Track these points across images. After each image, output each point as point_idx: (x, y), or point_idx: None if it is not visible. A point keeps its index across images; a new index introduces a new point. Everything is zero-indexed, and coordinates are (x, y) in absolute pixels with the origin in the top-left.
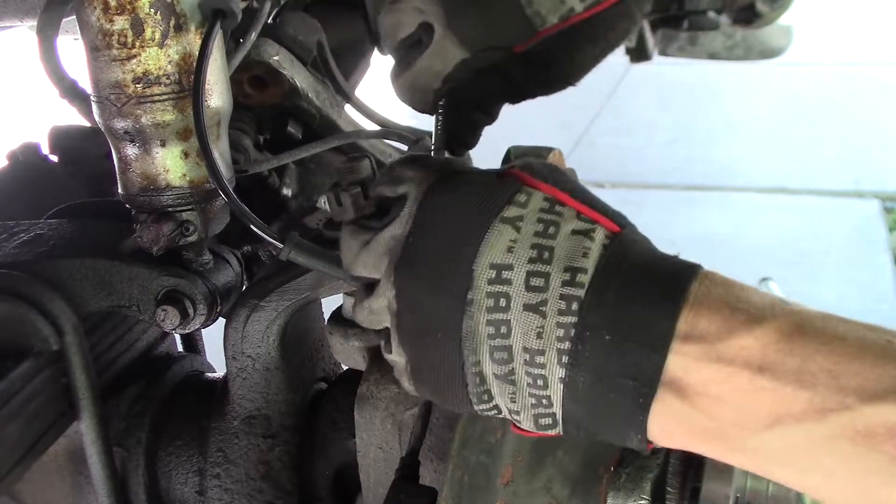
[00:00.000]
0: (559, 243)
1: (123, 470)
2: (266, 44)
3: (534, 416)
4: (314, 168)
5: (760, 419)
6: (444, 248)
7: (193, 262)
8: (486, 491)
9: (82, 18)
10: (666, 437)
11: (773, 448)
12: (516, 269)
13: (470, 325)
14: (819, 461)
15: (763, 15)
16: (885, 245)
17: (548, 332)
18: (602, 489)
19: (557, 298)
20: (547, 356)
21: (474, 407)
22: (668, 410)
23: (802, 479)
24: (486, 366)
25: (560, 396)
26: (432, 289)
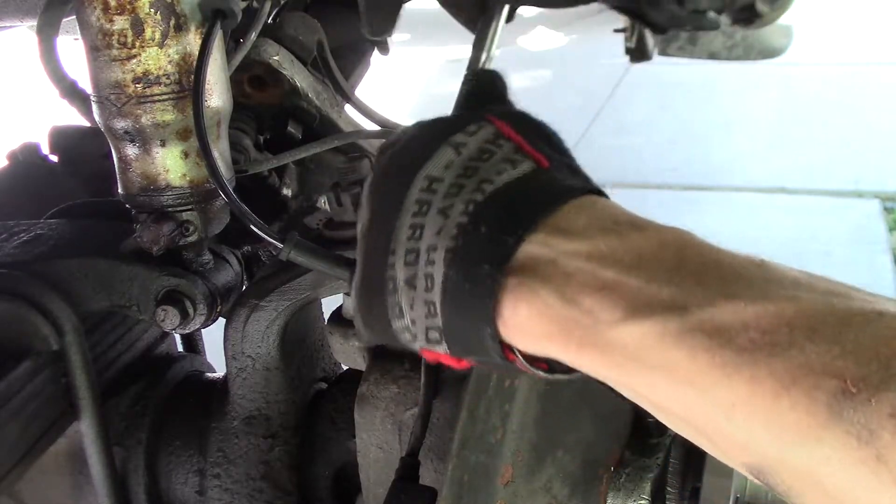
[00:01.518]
0: (486, 165)
1: (123, 470)
2: (266, 44)
3: (425, 328)
4: (314, 168)
5: (615, 314)
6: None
7: (193, 262)
8: (486, 491)
9: (82, 18)
10: (517, 329)
11: (624, 343)
12: (445, 180)
13: (396, 226)
14: (668, 357)
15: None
16: (885, 245)
17: (445, 231)
18: (602, 489)
19: (462, 202)
20: (438, 253)
21: (392, 325)
22: (521, 302)
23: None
24: (399, 269)
25: (439, 297)
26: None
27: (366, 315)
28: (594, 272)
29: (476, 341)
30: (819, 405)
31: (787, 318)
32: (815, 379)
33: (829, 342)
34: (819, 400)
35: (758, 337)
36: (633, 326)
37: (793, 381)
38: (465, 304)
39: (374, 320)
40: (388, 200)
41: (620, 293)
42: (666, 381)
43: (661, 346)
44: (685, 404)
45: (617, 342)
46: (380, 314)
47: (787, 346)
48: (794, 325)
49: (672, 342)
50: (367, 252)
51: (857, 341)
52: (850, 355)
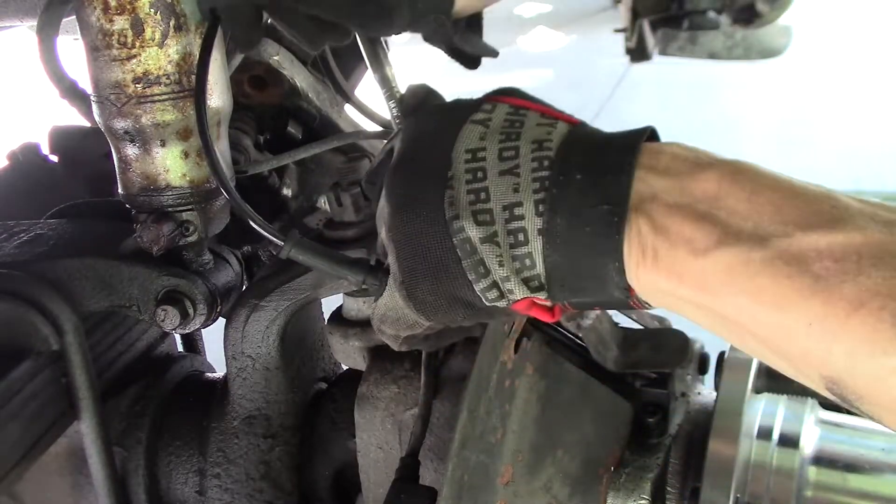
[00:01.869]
0: (525, 130)
1: (123, 470)
2: (266, 44)
3: (523, 279)
4: (314, 168)
5: (708, 243)
6: (423, 149)
7: (193, 262)
8: (486, 491)
9: (82, 18)
10: (636, 269)
11: (713, 271)
12: (489, 149)
13: (451, 195)
14: (752, 282)
15: (763, 15)
16: None
17: (524, 186)
18: (602, 489)
19: (530, 160)
20: (525, 208)
21: (475, 287)
22: (638, 238)
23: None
24: (470, 230)
25: (541, 250)
26: (416, 181)
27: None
28: (690, 205)
29: (596, 280)
30: (884, 323)
31: (855, 248)
32: (882, 300)
33: (892, 269)
34: (884, 318)
35: (831, 265)
36: (725, 253)
37: (861, 303)
38: (584, 245)
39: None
40: (425, 179)
41: (713, 223)
42: (752, 302)
43: (749, 272)
44: (769, 324)
45: (709, 269)
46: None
47: (856, 273)
48: (861, 254)
49: (757, 268)
50: (411, 233)
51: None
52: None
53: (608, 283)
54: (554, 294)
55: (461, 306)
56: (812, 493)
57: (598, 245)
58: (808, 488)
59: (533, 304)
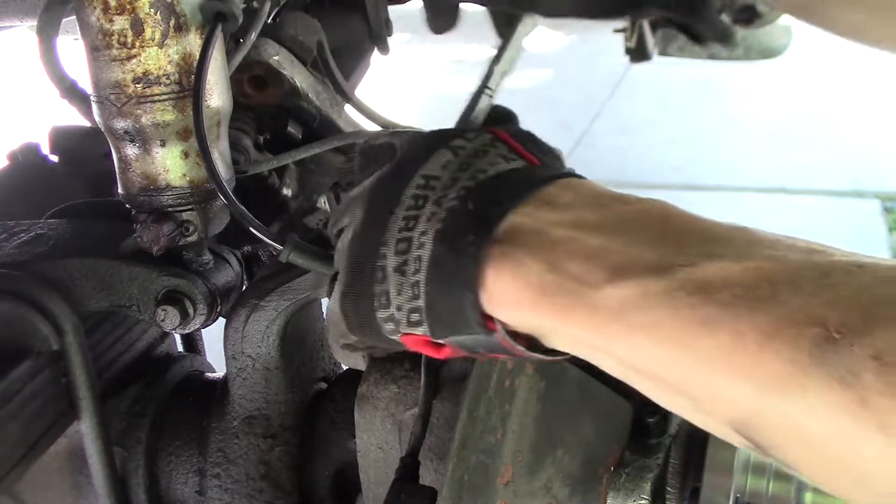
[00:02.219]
0: (481, 161)
1: (123, 470)
2: (266, 44)
3: (408, 311)
4: (314, 168)
5: (600, 276)
6: (400, 171)
7: (193, 262)
8: (486, 491)
9: (82, 18)
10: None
11: (608, 304)
12: (442, 178)
13: (391, 220)
14: (649, 314)
15: (763, 15)
16: (885, 245)
17: (437, 215)
18: (602, 489)
19: (455, 190)
20: (427, 235)
21: (377, 315)
22: (504, 269)
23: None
24: (389, 259)
25: (425, 276)
26: (380, 196)
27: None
28: (579, 239)
29: (457, 314)
30: (801, 353)
31: (768, 274)
32: (798, 328)
33: (810, 294)
34: (801, 348)
35: (741, 292)
36: (618, 287)
37: (775, 332)
38: (448, 276)
39: (358, 315)
40: (383, 199)
41: (605, 257)
42: (650, 339)
43: (645, 305)
44: (668, 362)
45: (601, 304)
46: (365, 308)
47: (770, 300)
48: (776, 280)
49: (655, 301)
50: (356, 248)
51: (838, 291)
52: (832, 304)
53: (468, 317)
54: (433, 330)
55: (371, 331)
56: (812, 493)
57: (459, 276)
58: (808, 489)
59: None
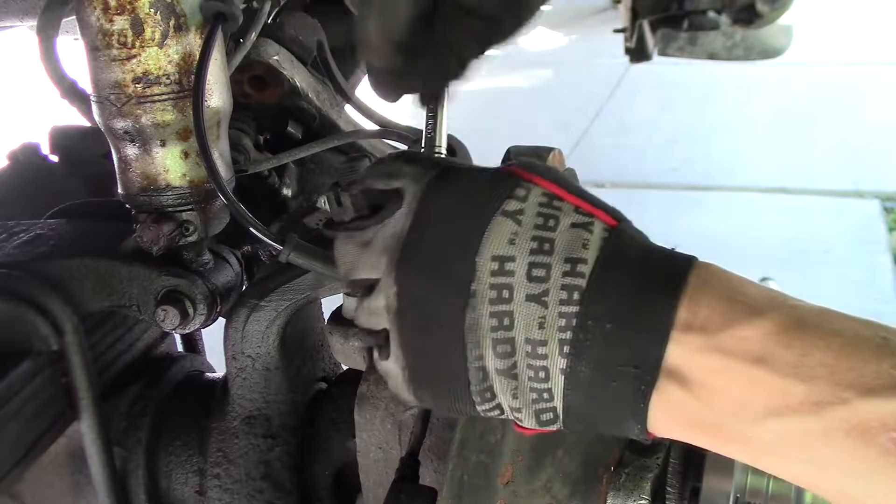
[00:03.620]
0: (559, 235)
1: (123, 470)
2: (266, 44)
3: (535, 411)
4: (314, 168)
5: (757, 410)
6: (446, 243)
7: (193, 262)
8: (486, 491)
9: (82, 18)
10: (665, 426)
11: (768, 440)
12: (518, 261)
13: (473, 318)
14: (814, 453)
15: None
16: (885, 245)
17: (550, 322)
18: (602, 489)
19: (559, 288)
20: (549, 347)
21: (477, 408)
22: (668, 400)
23: (796, 470)
24: (489, 360)
25: (561, 388)
26: (435, 282)
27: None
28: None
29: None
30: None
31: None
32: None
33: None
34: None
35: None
36: (775, 424)
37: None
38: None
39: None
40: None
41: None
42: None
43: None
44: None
45: (760, 438)
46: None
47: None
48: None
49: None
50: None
51: None
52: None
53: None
54: (568, 424)
55: (459, 413)
56: (812, 493)
57: (622, 403)
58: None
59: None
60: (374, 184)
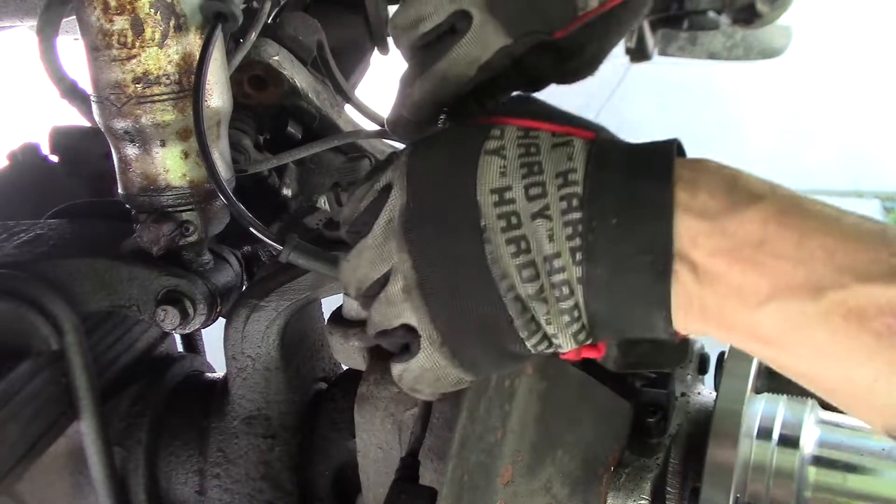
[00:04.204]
0: (544, 156)
1: (123, 470)
2: (266, 44)
3: (572, 334)
4: (314, 168)
5: (759, 294)
6: (443, 197)
7: (193, 262)
8: (486, 491)
9: (82, 18)
10: (683, 319)
11: (767, 324)
12: (514, 188)
13: (492, 250)
14: (810, 337)
15: (763, 15)
16: None
17: (557, 233)
18: (602, 489)
19: (558, 199)
20: (563, 258)
21: (527, 344)
22: (684, 286)
23: (792, 355)
24: (521, 288)
25: (581, 296)
26: (446, 235)
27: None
28: (734, 251)
29: (642, 326)
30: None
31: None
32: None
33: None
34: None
35: (893, 321)
36: (776, 308)
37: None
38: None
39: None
40: (456, 236)
41: (761, 272)
42: (810, 356)
43: (805, 326)
44: (829, 377)
45: (763, 322)
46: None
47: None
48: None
49: (814, 323)
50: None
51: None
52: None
53: (655, 329)
54: (599, 336)
55: (510, 360)
56: (812, 493)
57: (644, 296)
58: (808, 489)
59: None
60: (363, 197)
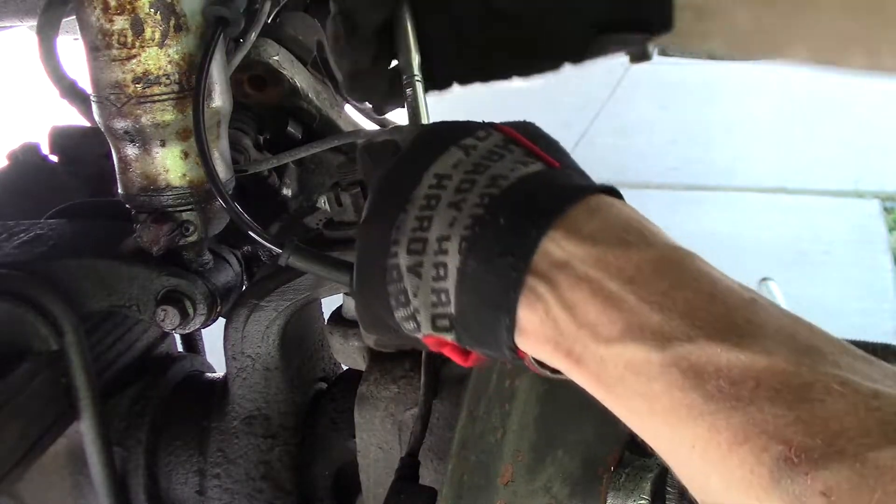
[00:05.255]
0: (497, 165)
1: (123, 470)
2: (266, 44)
3: (432, 316)
4: (314, 168)
5: (612, 332)
6: (408, 167)
7: (193, 262)
8: (486, 491)
9: (82, 18)
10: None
11: (612, 364)
12: (454, 178)
13: (402, 218)
14: (647, 387)
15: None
16: (885, 245)
17: (458, 221)
18: (602, 489)
19: (476, 195)
20: (451, 242)
21: (394, 314)
22: (535, 300)
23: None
24: (401, 258)
25: (454, 285)
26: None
27: (366, 308)
28: (599, 286)
29: (489, 331)
30: (763, 467)
31: (755, 373)
32: (766, 441)
33: (786, 407)
34: (764, 462)
35: (726, 386)
36: (623, 349)
37: (746, 438)
38: (486, 293)
39: (374, 313)
40: (392, 195)
41: (620, 309)
42: (645, 409)
43: (643, 374)
44: (658, 435)
45: (608, 362)
46: (381, 305)
47: (749, 402)
48: (760, 382)
49: (654, 372)
50: (364, 244)
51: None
52: (801, 424)
53: (500, 339)
54: (460, 338)
55: (385, 329)
56: None
57: (496, 296)
58: None
59: (444, 343)
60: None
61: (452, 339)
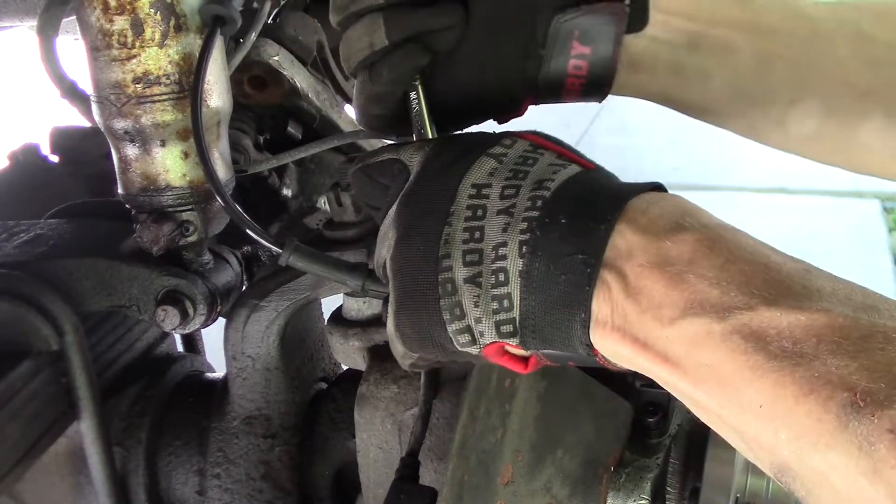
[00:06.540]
0: (535, 168)
1: (123, 470)
2: (266, 44)
3: (495, 322)
4: (314, 168)
5: (675, 310)
6: (437, 181)
7: (193, 262)
8: (486, 491)
9: (82, 18)
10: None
11: (678, 342)
12: (494, 186)
13: (448, 232)
14: (713, 355)
15: None
16: (885, 245)
17: (513, 226)
18: (602, 489)
19: (525, 200)
20: (509, 247)
21: (447, 328)
22: (609, 296)
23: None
24: (457, 271)
25: (518, 291)
26: (423, 213)
27: (413, 327)
28: (662, 266)
29: (560, 329)
30: (830, 414)
31: (816, 330)
32: (831, 390)
33: (848, 357)
34: (830, 409)
35: (788, 345)
36: (686, 324)
37: (811, 390)
38: (557, 292)
39: (422, 331)
40: (428, 211)
41: (681, 289)
42: (712, 378)
43: (706, 345)
44: (723, 402)
45: (673, 340)
46: (432, 322)
47: (812, 357)
48: (821, 338)
49: (717, 342)
50: (405, 264)
51: (874, 358)
52: (864, 371)
53: (573, 336)
54: (526, 341)
55: (434, 346)
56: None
57: (570, 294)
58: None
59: (504, 352)
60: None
61: (516, 343)
